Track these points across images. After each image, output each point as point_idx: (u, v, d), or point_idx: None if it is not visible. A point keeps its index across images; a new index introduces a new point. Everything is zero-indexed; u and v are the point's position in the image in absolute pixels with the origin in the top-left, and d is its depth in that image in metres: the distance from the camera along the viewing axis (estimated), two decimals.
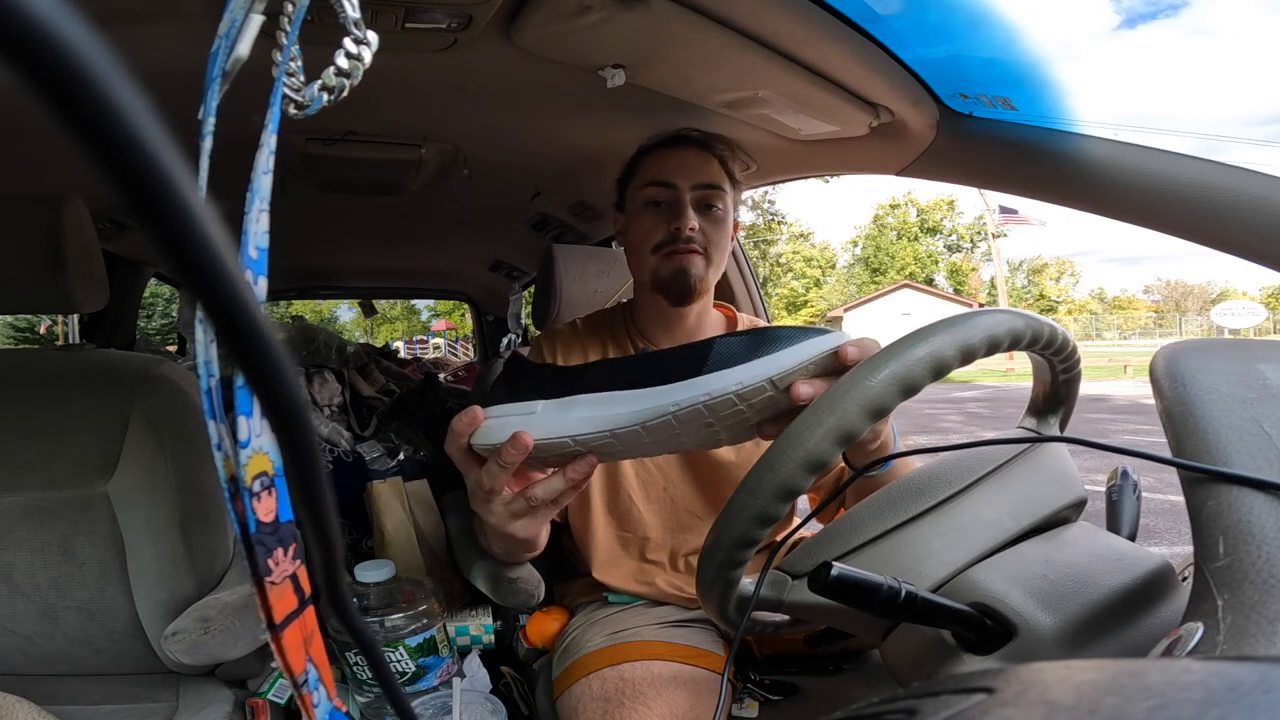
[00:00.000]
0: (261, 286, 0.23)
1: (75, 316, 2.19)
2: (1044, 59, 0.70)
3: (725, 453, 0.93)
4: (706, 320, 0.99)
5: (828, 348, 0.50)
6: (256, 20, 0.28)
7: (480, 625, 1.13)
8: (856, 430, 0.42)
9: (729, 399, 0.49)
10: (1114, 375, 15.06)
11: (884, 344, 0.46)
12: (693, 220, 0.90)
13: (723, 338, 0.52)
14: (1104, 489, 0.61)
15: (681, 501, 0.95)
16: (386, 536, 1.28)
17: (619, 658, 0.83)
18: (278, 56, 0.28)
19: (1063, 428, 0.57)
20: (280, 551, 0.23)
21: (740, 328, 1.02)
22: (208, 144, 0.25)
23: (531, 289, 2.20)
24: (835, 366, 0.50)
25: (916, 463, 0.71)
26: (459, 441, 0.56)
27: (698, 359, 0.51)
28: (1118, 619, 0.42)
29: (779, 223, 35.29)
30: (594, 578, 0.96)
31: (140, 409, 0.93)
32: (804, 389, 0.49)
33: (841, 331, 0.52)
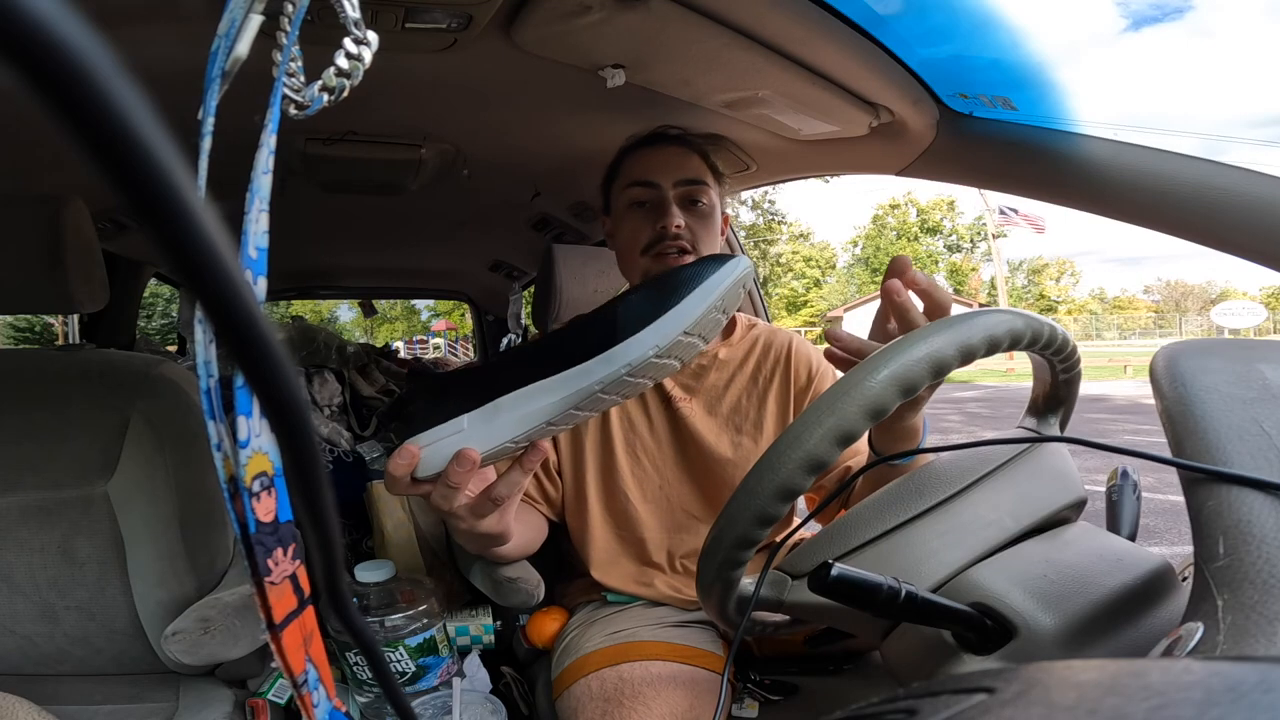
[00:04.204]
0: (261, 286, 0.23)
1: (75, 316, 2.19)
2: (1045, 60, 0.70)
3: (724, 451, 0.93)
4: None
5: (730, 280, 0.50)
6: (256, 20, 0.28)
7: (480, 625, 1.13)
8: (856, 431, 0.42)
9: (650, 362, 0.49)
10: (1114, 375, 15.06)
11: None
12: (678, 218, 0.89)
13: (623, 298, 0.51)
14: (1104, 489, 0.61)
15: (678, 501, 0.95)
16: (386, 536, 1.28)
17: (618, 658, 0.83)
18: (278, 56, 0.28)
19: (1063, 428, 0.57)
20: (280, 551, 0.23)
21: (735, 326, 1.02)
22: (207, 144, 0.25)
23: (531, 289, 2.20)
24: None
25: (918, 463, 0.71)
26: (404, 482, 0.54)
27: (606, 328, 0.50)
28: (1118, 619, 0.42)
29: (779, 223, 35.29)
30: (593, 578, 0.96)
31: (140, 409, 0.93)
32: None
33: (740, 256, 0.52)
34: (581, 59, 0.80)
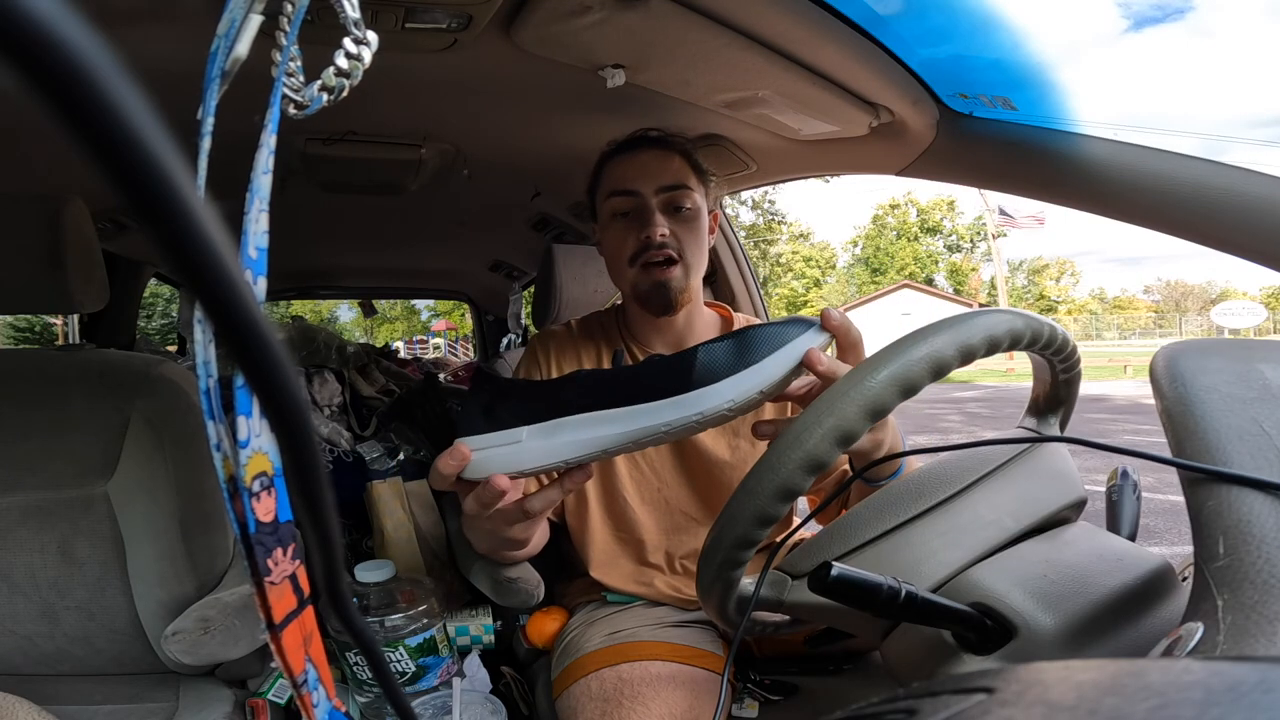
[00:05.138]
0: (261, 286, 0.23)
1: (75, 316, 2.19)
2: (1045, 60, 0.70)
3: (721, 454, 0.93)
4: (698, 322, 0.97)
5: (802, 351, 0.52)
6: (256, 20, 0.28)
7: (480, 625, 1.13)
8: (856, 431, 0.42)
9: (721, 414, 0.51)
10: (1114, 375, 15.06)
11: (883, 343, 0.46)
12: (662, 227, 0.87)
13: (705, 346, 0.52)
14: (1104, 489, 0.61)
15: (676, 503, 0.95)
16: (386, 536, 1.28)
17: (618, 658, 0.83)
18: (277, 56, 0.28)
19: (1063, 428, 0.57)
20: (280, 551, 0.23)
21: (733, 327, 1.01)
22: (207, 144, 0.25)
23: (531, 289, 2.20)
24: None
25: (918, 463, 0.71)
26: (449, 480, 0.55)
27: (684, 372, 0.51)
28: (1118, 619, 0.42)
29: (779, 223, 35.28)
30: (593, 577, 0.96)
31: (140, 409, 0.93)
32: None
33: (811, 331, 0.53)
34: (581, 59, 0.80)
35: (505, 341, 2.49)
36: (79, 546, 0.92)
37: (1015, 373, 15.81)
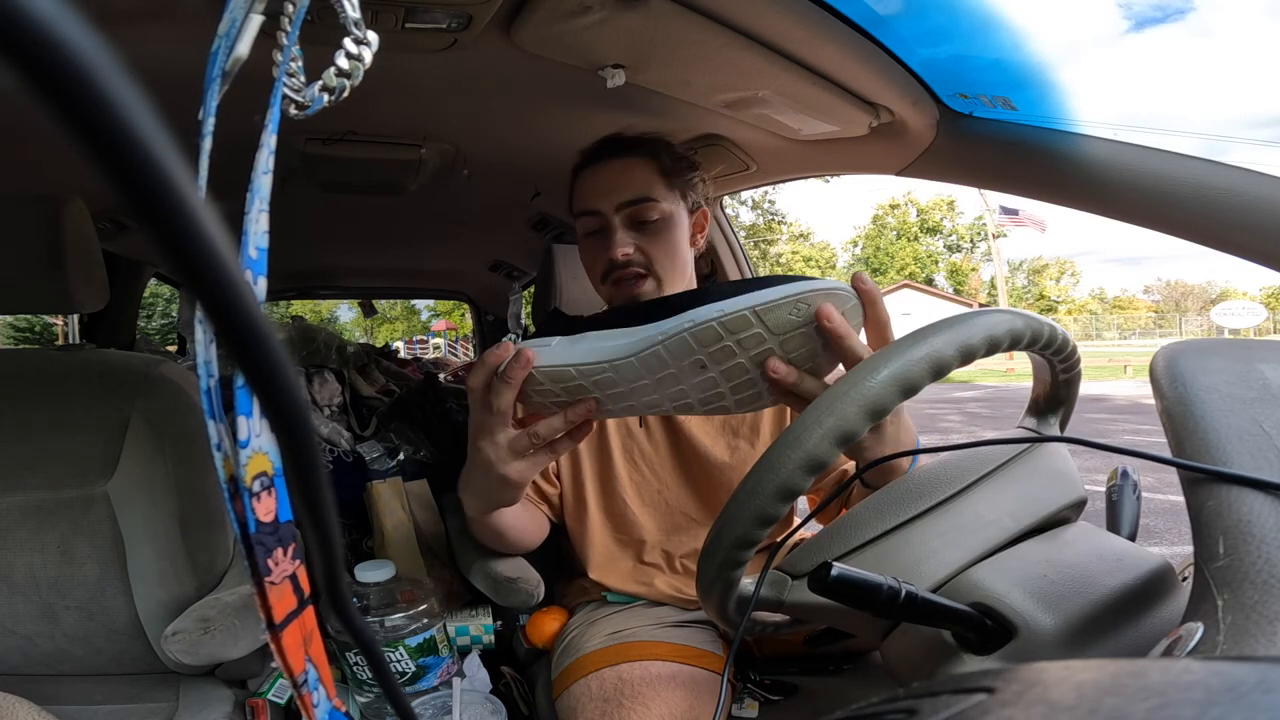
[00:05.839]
0: (261, 286, 0.23)
1: (75, 316, 2.19)
2: (1045, 61, 0.70)
3: (720, 454, 0.93)
4: None
5: (812, 289, 0.53)
6: (256, 20, 0.28)
7: (480, 625, 1.13)
8: (856, 431, 0.42)
9: (711, 328, 0.53)
10: (1114, 375, 15.05)
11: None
12: (625, 246, 0.85)
13: (717, 283, 0.56)
14: (1104, 489, 0.61)
15: (676, 504, 0.95)
16: (386, 536, 1.28)
17: (618, 658, 0.83)
18: (278, 57, 0.28)
19: (1063, 428, 0.57)
20: (280, 551, 0.23)
21: None
22: (207, 144, 0.25)
23: (531, 289, 2.20)
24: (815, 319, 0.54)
25: (919, 461, 0.71)
26: (489, 371, 0.61)
27: (694, 300, 0.56)
28: (1118, 619, 0.42)
29: (779, 223, 35.26)
30: (592, 578, 0.96)
31: (140, 409, 0.93)
32: (829, 318, 0.53)
33: (831, 280, 0.54)
34: (581, 59, 0.80)
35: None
36: (79, 546, 0.92)
37: (1015, 373, 15.80)
